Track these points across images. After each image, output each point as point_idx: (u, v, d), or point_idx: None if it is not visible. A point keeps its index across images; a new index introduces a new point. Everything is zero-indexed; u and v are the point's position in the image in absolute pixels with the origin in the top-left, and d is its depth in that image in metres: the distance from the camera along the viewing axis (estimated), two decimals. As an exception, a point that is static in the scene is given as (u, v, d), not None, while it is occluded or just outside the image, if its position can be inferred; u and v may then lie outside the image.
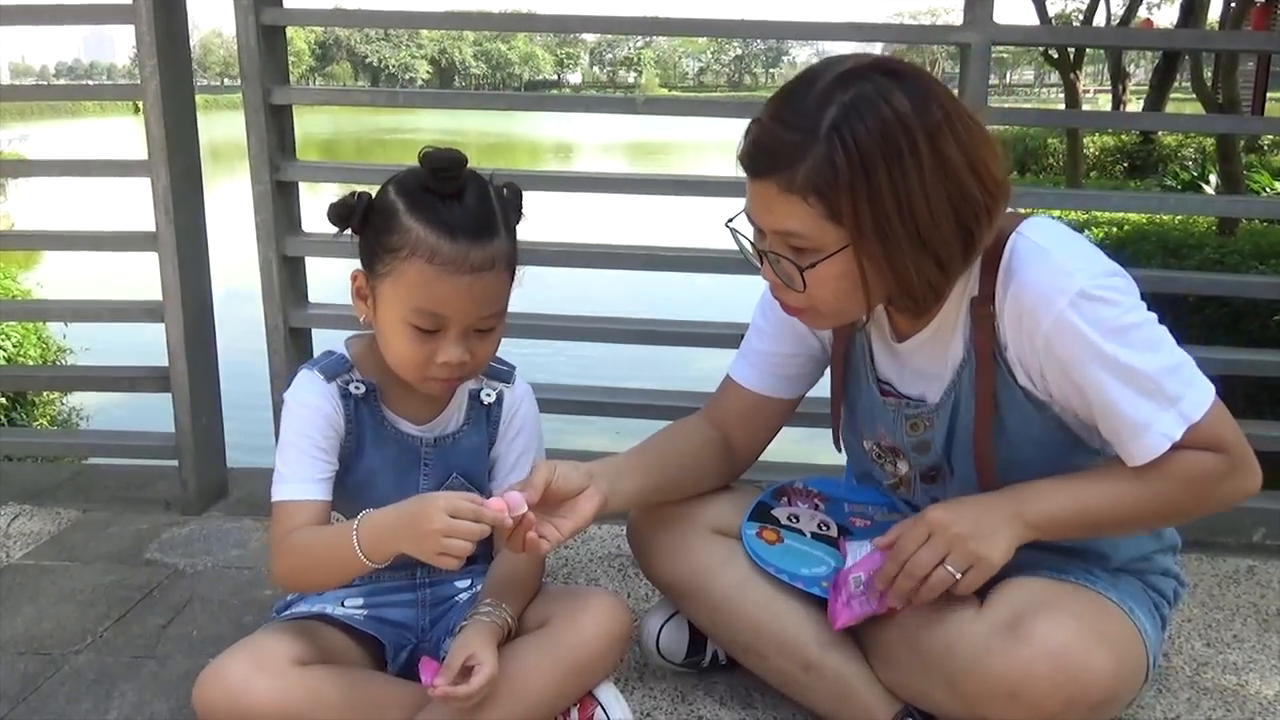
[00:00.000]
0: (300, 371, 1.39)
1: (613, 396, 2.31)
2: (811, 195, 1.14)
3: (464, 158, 1.27)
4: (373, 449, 1.39)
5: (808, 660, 1.39)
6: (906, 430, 1.39)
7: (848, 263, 1.17)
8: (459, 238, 1.24)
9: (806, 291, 1.21)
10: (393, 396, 1.40)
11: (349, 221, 1.31)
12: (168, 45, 2.07)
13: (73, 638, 1.74)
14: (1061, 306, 1.17)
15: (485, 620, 1.30)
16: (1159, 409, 1.18)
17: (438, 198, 1.25)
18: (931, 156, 1.11)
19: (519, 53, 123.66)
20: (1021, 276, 1.20)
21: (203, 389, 2.25)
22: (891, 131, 1.11)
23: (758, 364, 1.52)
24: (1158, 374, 1.18)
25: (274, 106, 2.13)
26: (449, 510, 1.14)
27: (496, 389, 1.47)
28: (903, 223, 1.12)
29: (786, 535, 1.48)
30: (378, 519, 1.22)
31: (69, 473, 2.55)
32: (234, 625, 1.77)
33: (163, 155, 2.10)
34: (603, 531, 2.14)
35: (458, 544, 1.13)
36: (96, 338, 6.45)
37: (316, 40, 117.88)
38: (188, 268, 2.17)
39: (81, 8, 2.17)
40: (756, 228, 1.24)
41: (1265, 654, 1.68)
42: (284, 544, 1.29)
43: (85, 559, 2.05)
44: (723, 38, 3.20)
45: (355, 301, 1.35)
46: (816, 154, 1.12)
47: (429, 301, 1.25)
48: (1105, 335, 1.17)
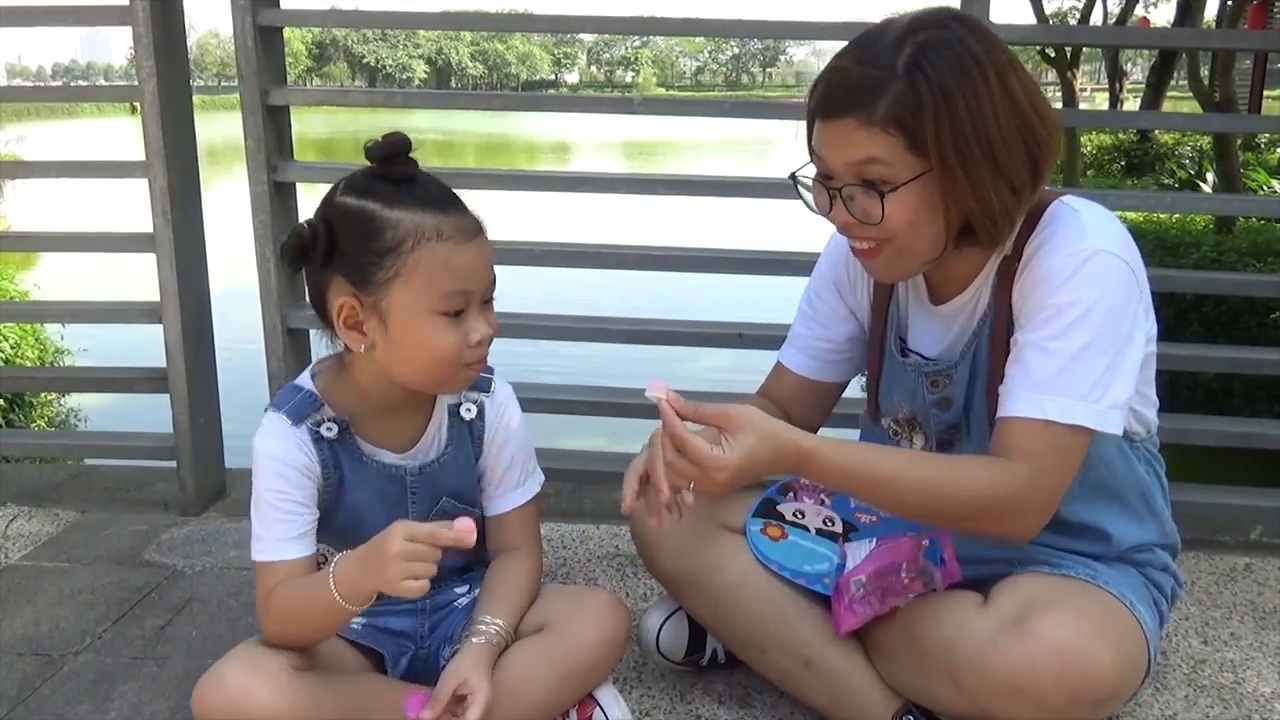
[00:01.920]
0: (266, 415, 1.30)
1: (610, 396, 2.31)
2: (892, 126, 1.18)
3: (408, 139, 1.23)
4: (355, 488, 1.33)
5: (808, 656, 1.40)
6: (928, 388, 1.40)
7: (926, 191, 1.21)
8: (449, 209, 1.22)
9: (884, 224, 1.23)
10: (368, 428, 1.33)
11: (312, 252, 1.21)
12: (165, 46, 2.07)
13: (71, 639, 1.74)
14: (1091, 246, 1.22)
15: (478, 643, 1.27)
16: (1051, 386, 1.21)
17: (399, 183, 1.22)
18: (1000, 91, 1.19)
19: (516, 52, 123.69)
20: (1049, 231, 1.27)
21: (201, 390, 2.25)
22: (966, 66, 1.18)
23: (805, 349, 1.56)
24: (1082, 363, 1.20)
25: (271, 107, 2.12)
26: (406, 535, 1.11)
27: (476, 401, 1.40)
28: (980, 148, 1.18)
29: (791, 531, 1.49)
30: (348, 561, 1.18)
31: (67, 474, 2.55)
32: (233, 626, 1.77)
33: (160, 157, 2.09)
34: (601, 531, 2.14)
35: (420, 567, 1.11)
36: (94, 338, 6.42)
37: (313, 41, 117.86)
38: (185, 269, 2.16)
39: (79, 9, 2.16)
40: (825, 174, 1.27)
41: (1262, 651, 1.68)
42: (268, 605, 1.26)
43: (84, 560, 2.05)
44: (719, 37, 3.18)
45: (348, 335, 1.24)
46: (897, 88, 1.18)
47: (454, 280, 1.21)
48: (1079, 296, 1.21)
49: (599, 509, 2.29)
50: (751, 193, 2.31)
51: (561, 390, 2.36)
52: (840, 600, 1.36)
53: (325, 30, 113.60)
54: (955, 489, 1.22)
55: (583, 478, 2.32)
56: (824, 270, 1.56)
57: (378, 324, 1.23)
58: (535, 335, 2.33)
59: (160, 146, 2.09)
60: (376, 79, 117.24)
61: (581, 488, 2.37)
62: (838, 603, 1.37)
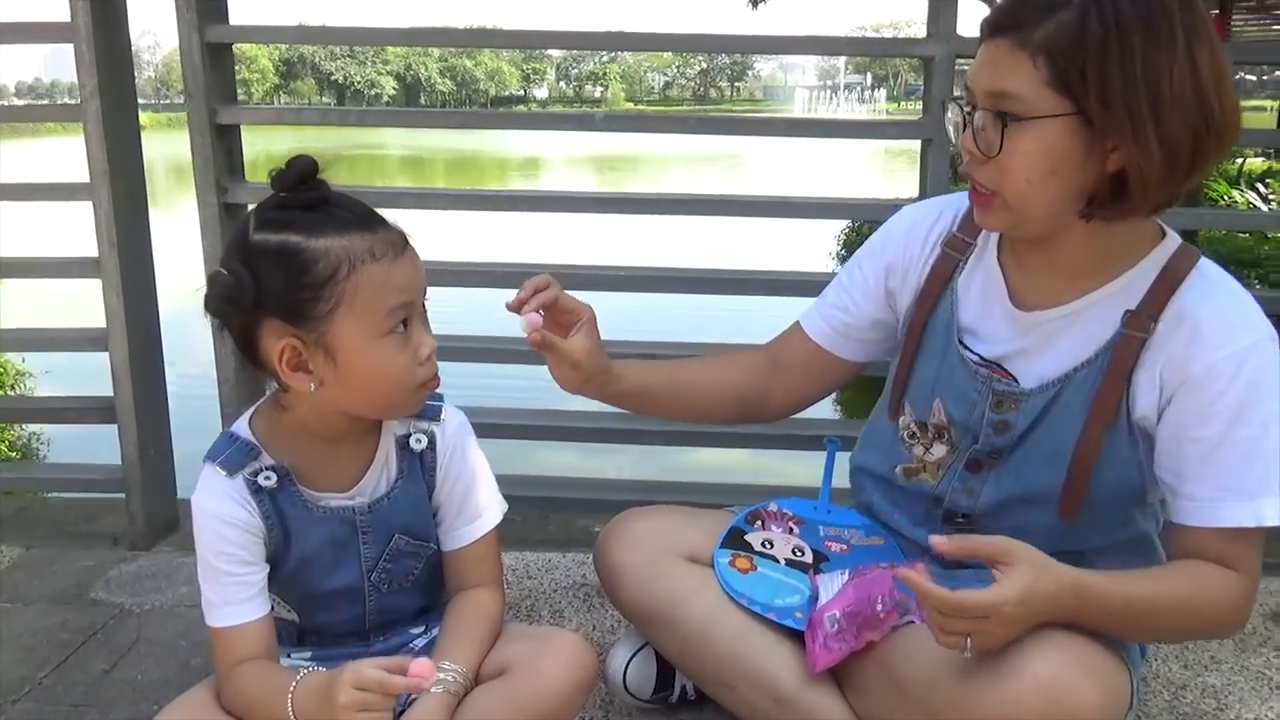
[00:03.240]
0: (203, 467, 1.23)
1: (575, 420, 2.25)
2: (1041, 56, 1.10)
3: (315, 161, 1.16)
4: (302, 536, 1.25)
5: (779, 693, 1.33)
6: (991, 406, 1.30)
7: (1061, 136, 1.12)
8: (374, 227, 1.16)
9: (1000, 162, 1.15)
10: (310, 472, 1.25)
11: (238, 299, 1.12)
12: (108, 64, 2.00)
13: (11, 686, 1.65)
14: (1248, 341, 1.17)
15: (436, 692, 1.18)
16: (1264, 487, 1.17)
17: (314, 209, 1.15)
18: (1185, 53, 1.09)
19: (485, 69, 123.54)
20: (1219, 300, 1.20)
21: (150, 419, 2.17)
22: (1155, 14, 1.09)
23: (830, 318, 1.48)
24: (1273, 455, 1.17)
25: (220, 126, 2.05)
26: (355, 684, 1.04)
27: (426, 430, 1.32)
28: (1149, 99, 1.08)
29: (760, 563, 1.43)
30: (307, 688, 1.11)
31: (13, 507, 2.45)
32: (181, 669, 1.69)
33: (104, 178, 2.01)
34: (567, 560, 2.07)
35: (373, 717, 1.04)
36: (56, 362, 6.26)
37: (280, 58, 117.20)
38: (133, 294, 2.08)
39: (19, 26, 2.08)
40: (970, 102, 1.19)
41: (1243, 676, 1.65)
42: (229, 680, 1.19)
43: (27, 600, 1.95)
44: (687, 52, 3.13)
45: (293, 378, 1.16)
46: (1064, 17, 1.09)
47: (395, 294, 1.15)
48: (1264, 392, 1.16)
49: (566, 536, 2.23)
50: (716, 210, 2.26)
51: (524, 415, 2.29)
52: (814, 637, 1.31)
53: (292, 47, 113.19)
54: (1197, 609, 1.18)
55: (548, 504, 2.26)
56: (878, 245, 1.46)
57: (325, 359, 1.15)
58: (497, 359, 2.25)
59: (105, 168, 2.01)
60: (345, 95, 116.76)
61: (547, 514, 2.30)
62: (812, 639, 1.31)
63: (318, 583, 1.28)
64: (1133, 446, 1.25)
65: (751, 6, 17.92)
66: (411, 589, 1.35)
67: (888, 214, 1.50)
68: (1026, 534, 1.21)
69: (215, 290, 1.13)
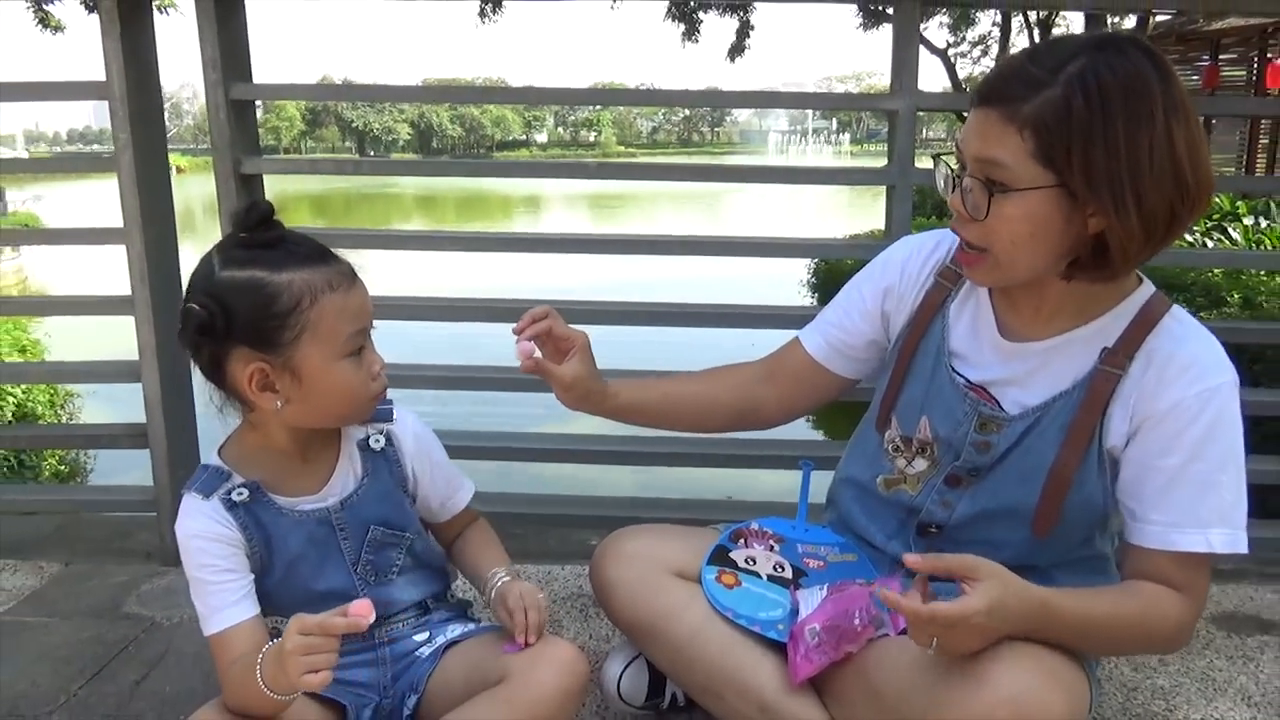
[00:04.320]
0: (182, 497, 1.23)
1: (572, 444, 2.20)
2: (1028, 130, 1.07)
3: (271, 205, 1.19)
4: (283, 541, 1.24)
5: (763, 702, 1.29)
6: (976, 427, 1.28)
7: (1044, 205, 1.09)
8: (328, 261, 1.19)
9: (986, 224, 1.12)
10: (280, 483, 1.25)
11: (211, 331, 1.12)
12: (141, 120, 1.95)
13: (47, 698, 1.59)
14: (1214, 383, 1.14)
15: (508, 578, 1.31)
16: (1218, 518, 1.15)
17: (273, 246, 1.16)
18: (1164, 131, 1.06)
19: (491, 116, 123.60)
20: (1190, 343, 1.18)
21: (180, 443, 2.11)
22: (1137, 92, 1.06)
23: (828, 335, 1.45)
24: (1234, 494, 1.15)
25: (244, 175, 2.01)
26: (298, 629, 1.03)
27: (382, 430, 1.32)
28: (1129, 175, 1.06)
29: (744, 578, 1.38)
30: (268, 656, 1.09)
31: (54, 525, 2.38)
32: (206, 680, 1.63)
33: (137, 222, 1.97)
34: (565, 572, 2.02)
35: (319, 659, 1.02)
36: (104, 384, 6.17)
37: (307, 108, 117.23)
38: (163, 329, 2.03)
39: (58, 85, 2.03)
40: (961, 162, 1.16)
41: (1189, 677, 1.60)
42: (226, 680, 1.17)
43: (64, 614, 1.89)
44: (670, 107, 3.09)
45: (261, 398, 1.17)
46: (1050, 95, 1.06)
47: (353, 321, 1.18)
48: (1223, 431, 1.14)
49: (564, 549, 2.17)
50: (699, 251, 2.23)
51: (527, 439, 2.25)
52: (796, 649, 1.26)
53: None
54: (1149, 627, 1.16)
55: (548, 520, 2.21)
56: (877, 272, 1.43)
57: (290, 380, 1.17)
58: (494, 388, 2.20)
59: (137, 214, 1.96)
60: (365, 140, 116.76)
61: (546, 529, 2.25)
62: (793, 651, 1.27)
63: (308, 584, 1.25)
64: (1101, 473, 1.22)
65: (730, 60, 18.02)
66: (401, 580, 1.33)
67: (847, 253, 1.47)
68: (995, 547, 1.18)
69: (190, 323, 1.13)
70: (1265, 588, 1.95)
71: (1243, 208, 7.57)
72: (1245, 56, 13.19)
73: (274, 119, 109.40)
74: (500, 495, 2.17)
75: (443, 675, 1.29)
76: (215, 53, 1.95)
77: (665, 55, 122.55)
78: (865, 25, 17.95)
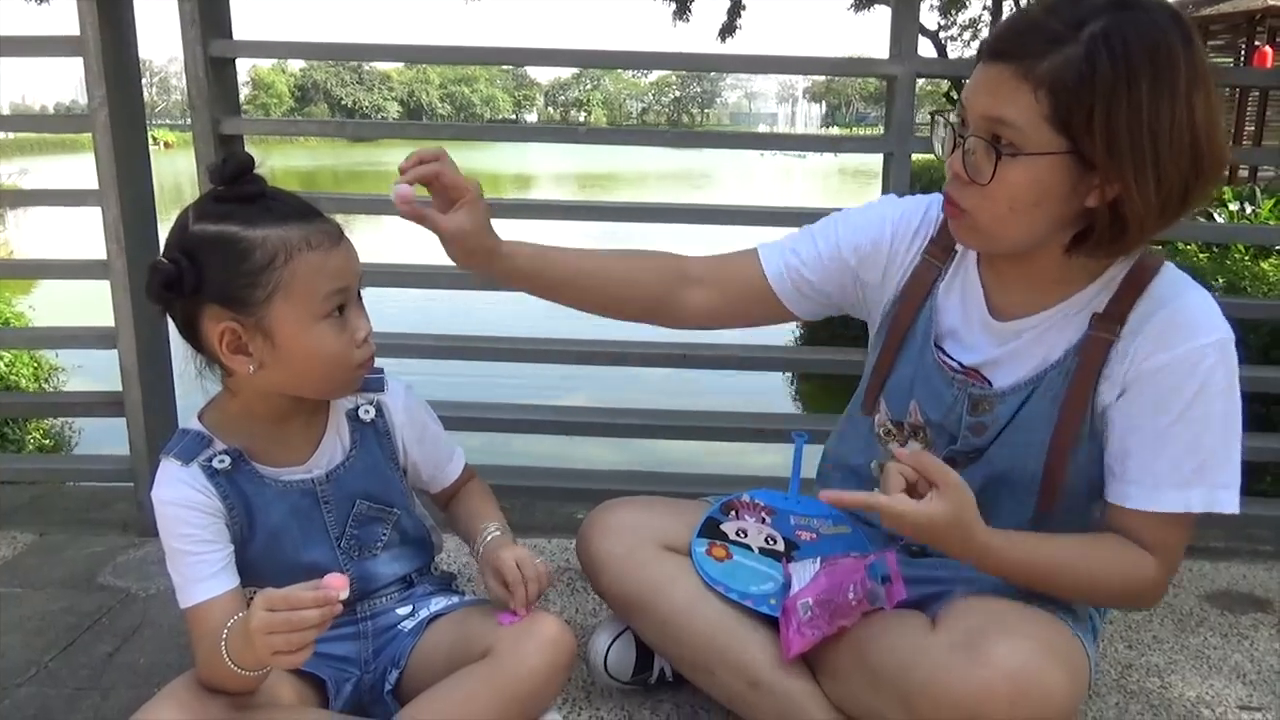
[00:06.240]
0: (159, 462, 1.17)
1: (561, 415, 2.15)
2: (1044, 90, 0.99)
3: (251, 157, 1.11)
4: (265, 512, 1.18)
5: (755, 677, 1.24)
6: (968, 409, 1.22)
7: (1046, 171, 1.03)
8: (309, 219, 1.11)
9: (985, 190, 1.05)
10: (264, 450, 1.19)
11: (180, 286, 1.06)
12: (116, 76, 1.87)
13: (17, 669, 1.53)
14: (1205, 341, 1.08)
15: (501, 534, 1.29)
16: (1195, 478, 1.10)
17: (252, 202, 1.09)
18: (1185, 100, 1.00)
19: (481, 95, 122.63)
20: (1180, 300, 1.11)
21: (157, 411, 2.05)
22: (1161, 58, 0.99)
23: (789, 263, 1.32)
24: (1223, 453, 1.10)
25: (223, 136, 1.94)
26: (264, 605, 0.97)
27: (373, 400, 1.27)
28: (1150, 148, 0.99)
29: (735, 551, 1.34)
30: (233, 632, 1.04)
31: (30, 495, 2.32)
32: (182, 653, 1.57)
33: (113, 185, 1.89)
34: (552, 545, 1.97)
35: (295, 637, 0.96)
36: (88, 358, 6.08)
37: (295, 84, 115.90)
38: (139, 295, 1.96)
39: (30, 39, 1.95)
40: (962, 118, 1.08)
41: (1184, 654, 1.57)
42: (197, 654, 1.11)
43: (37, 585, 1.83)
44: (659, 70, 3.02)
45: (233, 360, 1.11)
46: (1071, 52, 0.99)
47: (331, 280, 1.10)
48: (1211, 390, 1.08)
49: (551, 522, 2.12)
50: (687, 219, 2.17)
51: (513, 410, 2.19)
52: (788, 623, 1.22)
53: (305, 73, 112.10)
54: (1108, 580, 1.14)
55: (534, 493, 2.16)
56: (859, 222, 1.32)
57: (263, 342, 1.10)
58: (487, 357, 2.15)
59: (113, 175, 1.89)
60: (354, 118, 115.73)
61: (533, 502, 2.20)
62: (786, 626, 1.22)
63: (290, 557, 1.20)
64: (1096, 439, 1.17)
65: (720, 40, 17.88)
66: (385, 555, 1.28)
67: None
68: (1000, 523, 1.13)
69: (157, 278, 1.07)
70: (1258, 565, 1.92)
71: (1228, 193, 7.55)
72: (1233, 43, 13.16)
73: (263, 95, 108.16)
74: (487, 468, 2.10)
75: (426, 649, 1.24)
76: (194, 7, 1.87)
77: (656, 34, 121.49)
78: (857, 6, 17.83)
